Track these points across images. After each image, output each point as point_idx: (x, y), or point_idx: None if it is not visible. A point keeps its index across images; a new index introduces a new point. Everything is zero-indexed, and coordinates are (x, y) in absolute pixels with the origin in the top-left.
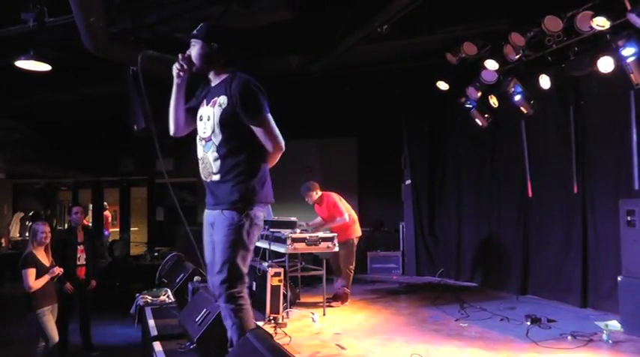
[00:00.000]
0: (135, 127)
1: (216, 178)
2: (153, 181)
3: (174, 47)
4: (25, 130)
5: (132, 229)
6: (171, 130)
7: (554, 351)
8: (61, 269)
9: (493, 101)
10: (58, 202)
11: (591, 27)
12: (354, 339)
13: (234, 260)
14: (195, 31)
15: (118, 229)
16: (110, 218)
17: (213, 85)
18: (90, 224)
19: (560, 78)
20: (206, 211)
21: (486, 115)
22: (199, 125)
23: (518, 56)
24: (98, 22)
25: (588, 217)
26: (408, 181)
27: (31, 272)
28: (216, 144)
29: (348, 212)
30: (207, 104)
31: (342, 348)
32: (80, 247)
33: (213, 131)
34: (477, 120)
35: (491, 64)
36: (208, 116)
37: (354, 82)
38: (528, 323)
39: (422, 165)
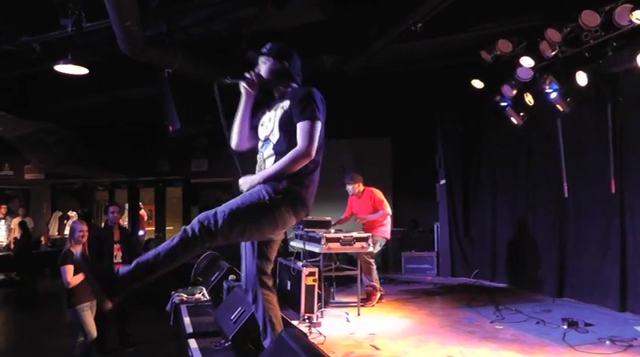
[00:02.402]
0: (170, 128)
1: None
2: (188, 181)
3: (208, 49)
4: (63, 131)
5: (167, 228)
6: (234, 143)
7: (591, 356)
8: None
9: (528, 99)
10: (95, 201)
11: (630, 21)
12: (389, 339)
13: (226, 213)
14: (266, 49)
15: (153, 228)
16: (146, 217)
17: (277, 96)
18: (125, 224)
19: (597, 74)
20: None
21: (522, 114)
22: (260, 131)
23: (554, 53)
24: (134, 26)
25: (627, 218)
26: (443, 181)
27: (70, 269)
28: (274, 142)
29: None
30: (269, 111)
31: (377, 348)
32: (117, 246)
33: (272, 131)
34: (512, 118)
35: (526, 62)
36: (270, 118)
37: (388, 82)
38: (565, 327)
39: (456, 165)
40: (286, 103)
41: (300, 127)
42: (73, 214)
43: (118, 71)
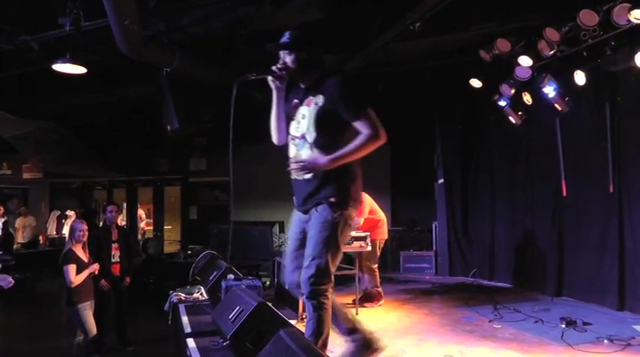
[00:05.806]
0: (168, 127)
1: (309, 175)
2: (186, 180)
3: (207, 49)
4: (62, 131)
5: (165, 227)
6: (276, 140)
7: (590, 355)
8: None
9: (527, 98)
10: (94, 200)
11: (629, 20)
12: (387, 339)
13: (324, 257)
14: (286, 40)
15: (152, 228)
16: (144, 217)
17: (303, 86)
18: (124, 223)
19: (596, 74)
20: (295, 211)
21: (520, 113)
22: (292, 125)
23: (552, 52)
24: (132, 25)
25: (625, 218)
26: (441, 181)
27: (72, 268)
28: (310, 142)
29: (374, 214)
30: (301, 104)
31: None
32: (115, 245)
33: (307, 129)
34: (510, 118)
35: (525, 61)
36: (303, 115)
37: (387, 81)
38: (563, 326)
39: (455, 164)
40: (320, 99)
41: (360, 124)
42: (71, 213)
43: (117, 70)
